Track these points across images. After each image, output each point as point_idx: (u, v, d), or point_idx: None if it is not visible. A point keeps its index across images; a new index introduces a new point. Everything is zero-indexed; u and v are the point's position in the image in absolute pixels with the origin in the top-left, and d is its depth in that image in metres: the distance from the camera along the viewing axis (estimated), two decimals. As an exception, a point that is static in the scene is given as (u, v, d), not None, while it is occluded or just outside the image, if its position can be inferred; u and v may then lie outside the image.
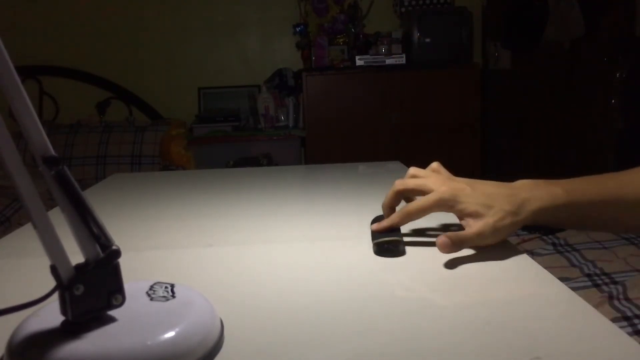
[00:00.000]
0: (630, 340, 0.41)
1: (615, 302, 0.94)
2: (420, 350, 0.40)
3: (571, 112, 2.67)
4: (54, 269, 0.37)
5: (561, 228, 0.64)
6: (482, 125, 3.03)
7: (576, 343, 0.41)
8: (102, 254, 0.39)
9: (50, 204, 0.43)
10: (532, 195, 0.59)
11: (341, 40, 3.06)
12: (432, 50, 2.91)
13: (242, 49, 3.36)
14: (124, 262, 0.40)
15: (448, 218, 0.72)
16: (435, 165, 0.68)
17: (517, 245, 1.27)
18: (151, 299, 0.43)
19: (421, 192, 0.63)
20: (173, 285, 0.45)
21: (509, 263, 0.59)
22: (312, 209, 0.88)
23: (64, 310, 0.38)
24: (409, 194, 0.67)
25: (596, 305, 0.95)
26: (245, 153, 2.96)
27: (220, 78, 3.34)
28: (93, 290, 0.38)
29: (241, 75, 3.35)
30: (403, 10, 3.13)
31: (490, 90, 3.20)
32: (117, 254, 0.39)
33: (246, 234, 0.74)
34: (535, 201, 0.59)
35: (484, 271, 0.56)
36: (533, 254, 1.31)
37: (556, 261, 1.14)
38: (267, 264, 0.62)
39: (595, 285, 1.00)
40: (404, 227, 0.67)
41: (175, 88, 3.36)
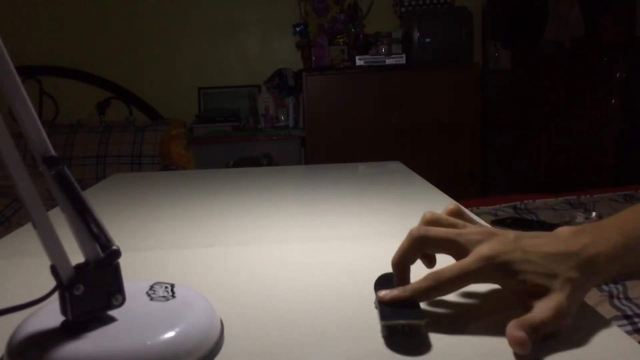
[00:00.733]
0: (630, 339, 0.41)
1: (616, 301, 0.94)
2: (420, 350, 0.40)
3: (571, 112, 2.67)
4: (54, 269, 0.37)
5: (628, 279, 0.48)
6: (482, 125, 3.03)
7: (576, 343, 0.41)
8: (102, 254, 0.39)
9: (50, 204, 0.43)
10: (596, 251, 0.44)
11: (341, 40, 3.06)
12: (432, 50, 2.91)
13: (242, 49, 3.36)
14: (124, 262, 0.40)
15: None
16: (456, 208, 0.50)
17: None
18: (151, 299, 0.43)
19: (448, 248, 0.46)
20: (173, 285, 0.45)
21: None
22: (312, 209, 0.88)
23: (64, 310, 0.38)
24: (430, 249, 0.48)
25: (596, 304, 0.95)
26: (245, 153, 2.96)
27: (220, 78, 3.34)
28: (93, 290, 0.38)
29: (241, 75, 3.35)
30: (403, 10, 3.13)
31: (490, 90, 3.20)
32: (117, 254, 0.39)
33: (246, 234, 0.74)
34: (600, 258, 0.44)
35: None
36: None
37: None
38: (267, 264, 0.62)
39: (595, 285, 1.00)
40: None
41: (175, 88, 3.36)
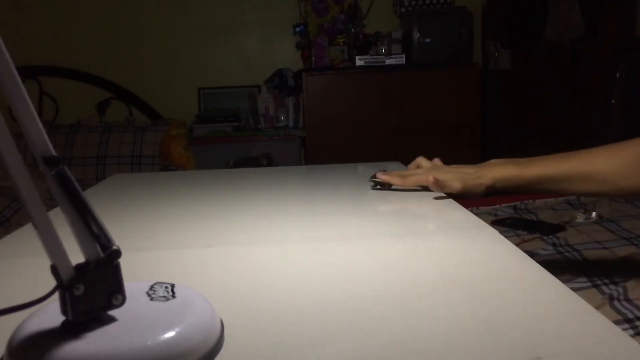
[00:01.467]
0: (631, 341, 0.41)
1: (616, 304, 0.94)
2: (420, 350, 0.40)
3: (571, 112, 2.67)
4: (54, 269, 0.37)
5: (516, 192, 0.93)
6: (482, 125, 3.03)
7: (576, 343, 0.41)
8: (103, 254, 0.39)
9: (50, 204, 0.43)
10: (492, 169, 0.88)
11: (341, 40, 3.06)
12: (432, 50, 2.91)
13: (242, 49, 3.36)
14: (124, 262, 0.40)
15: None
16: (436, 161, 1.00)
17: (518, 246, 1.27)
18: (151, 299, 0.43)
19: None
20: (173, 286, 0.45)
21: (509, 263, 0.59)
22: (312, 209, 0.88)
23: (64, 310, 0.38)
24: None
25: (596, 307, 0.95)
26: (245, 153, 2.96)
27: (220, 78, 3.34)
28: (93, 290, 0.38)
29: (241, 75, 3.35)
30: (403, 10, 3.13)
31: (490, 90, 3.20)
32: (118, 254, 0.39)
33: (246, 234, 0.74)
34: (492, 173, 0.88)
35: (484, 272, 0.56)
36: (533, 255, 1.30)
37: (556, 262, 1.14)
38: (268, 264, 0.62)
39: (595, 285, 1.00)
40: None
41: (175, 88, 3.36)
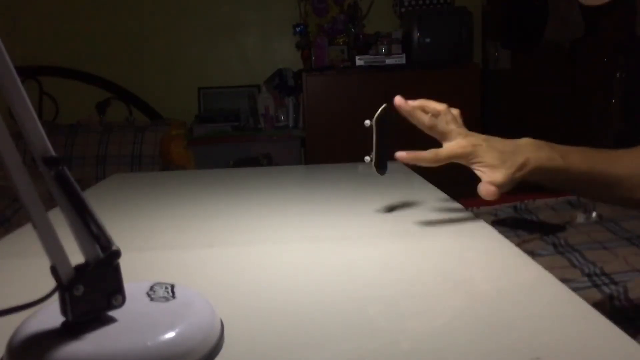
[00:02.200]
0: (630, 341, 0.41)
1: (616, 303, 0.94)
2: (420, 350, 0.40)
3: (571, 112, 2.67)
4: (54, 270, 0.37)
5: (554, 188, 0.76)
6: (482, 125, 3.03)
7: (576, 343, 0.41)
8: (102, 255, 0.39)
9: (50, 204, 0.43)
10: (534, 155, 0.70)
11: (341, 40, 3.06)
12: (432, 50, 2.91)
13: (242, 49, 3.36)
14: (124, 263, 0.40)
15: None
16: (456, 112, 0.85)
17: (518, 246, 1.27)
18: (151, 299, 0.43)
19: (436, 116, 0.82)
20: (173, 286, 0.45)
21: (509, 264, 0.59)
22: (312, 209, 0.88)
23: (64, 311, 0.38)
24: (427, 110, 0.82)
25: (596, 306, 0.95)
26: (245, 153, 2.95)
27: (220, 78, 3.34)
28: (93, 290, 0.38)
29: (241, 75, 3.34)
30: (403, 10, 3.13)
31: (490, 90, 3.20)
32: (117, 254, 0.39)
33: (246, 235, 0.74)
34: (535, 161, 0.70)
35: (485, 272, 0.56)
36: (533, 255, 1.30)
37: (556, 262, 1.14)
38: (268, 264, 0.62)
39: (595, 285, 1.00)
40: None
41: (175, 88, 3.35)
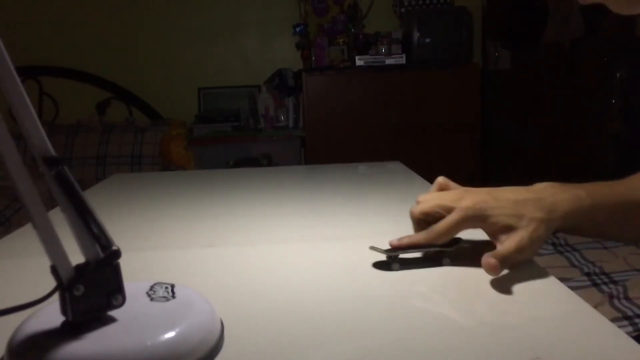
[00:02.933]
0: (630, 340, 0.41)
1: (616, 302, 0.94)
2: (420, 350, 0.40)
3: (571, 112, 2.67)
4: (54, 269, 0.37)
5: (583, 235, 0.62)
6: (482, 125, 3.03)
7: (576, 343, 0.41)
8: (102, 255, 0.39)
9: (50, 204, 0.43)
10: (559, 198, 0.55)
11: (341, 40, 3.06)
12: (432, 50, 2.91)
13: (242, 49, 3.36)
14: (124, 263, 0.40)
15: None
16: (442, 180, 0.62)
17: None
18: (151, 299, 0.43)
19: (442, 214, 0.57)
20: (173, 286, 0.45)
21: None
22: (312, 209, 0.88)
23: (64, 311, 0.38)
24: (431, 219, 0.59)
25: (596, 305, 0.95)
26: (245, 153, 2.95)
27: (220, 78, 3.34)
28: (93, 290, 0.38)
29: (241, 75, 3.34)
30: (403, 10, 3.13)
31: (490, 90, 3.20)
32: (117, 254, 0.39)
33: (246, 235, 0.74)
34: (563, 204, 0.55)
35: (483, 272, 0.56)
36: (533, 254, 1.30)
37: (556, 261, 1.14)
38: (267, 264, 0.62)
39: (595, 284, 1.00)
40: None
41: (175, 88, 3.35)
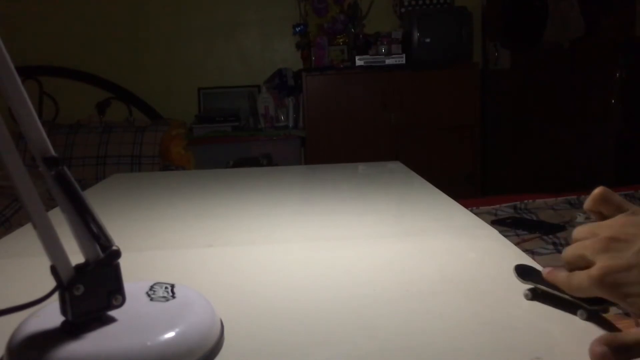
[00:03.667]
0: (631, 340, 0.41)
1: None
2: (421, 350, 0.40)
3: (571, 112, 2.67)
4: (54, 269, 0.37)
5: None
6: (482, 125, 3.03)
7: (576, 343, 0.41)
8: (102, 254, 0.39)
9: (50, 204, 0.43)
10: None
11: (341, 40, 3.06)
12: (432, 50, 2.91)
13: (242, 49, 3.36)
14: (124, 263, 0.40)
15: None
16: (599, 195, 0.44)
17: (518, 245, 1.27)
18: (151, 299, 0.43)
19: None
20: (173, 286, 0.45)
21: (509, 263, 0.59)
22: (312, 209, 0.88)
23: (64, 311, 0.38)
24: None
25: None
26: (245, 153, 2.96)
27: (220, 78, 3.34)
28: (93, 290, 0.38)
29: (241, 75, 3.35)
30: (403, 10, 3.13)
31: (490, 90, 3.20)
32: (117, 254, 0.39)
33: (246, 235, 0.74)
34: None
35: (484, 272, 0.56)
36: (533, 254, 1.31)
37: (557, 260, 1.14)
38: (267, 264, 0.62)
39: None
40: None
41: (175, 88, 3.35)
